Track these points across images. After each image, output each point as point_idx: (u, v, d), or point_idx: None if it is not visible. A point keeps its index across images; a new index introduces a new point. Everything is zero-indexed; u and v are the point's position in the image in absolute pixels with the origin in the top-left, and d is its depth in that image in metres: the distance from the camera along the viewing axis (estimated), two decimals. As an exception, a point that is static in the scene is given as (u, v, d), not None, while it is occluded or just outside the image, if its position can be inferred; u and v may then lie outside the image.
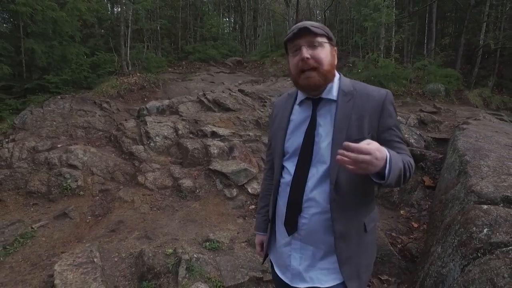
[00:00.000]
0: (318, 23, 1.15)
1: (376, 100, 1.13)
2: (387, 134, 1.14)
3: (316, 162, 1.14)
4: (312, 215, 1.13)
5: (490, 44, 10.37)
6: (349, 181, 1.10)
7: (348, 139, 1.04)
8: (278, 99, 1.41)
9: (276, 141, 1.28)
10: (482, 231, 1.72)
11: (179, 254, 2.71)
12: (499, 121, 5.86)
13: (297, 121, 1.22)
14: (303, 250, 1.17)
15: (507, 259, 1.46)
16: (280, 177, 1.26)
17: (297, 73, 1.12)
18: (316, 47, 1.10)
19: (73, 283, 2.37)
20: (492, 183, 2.12)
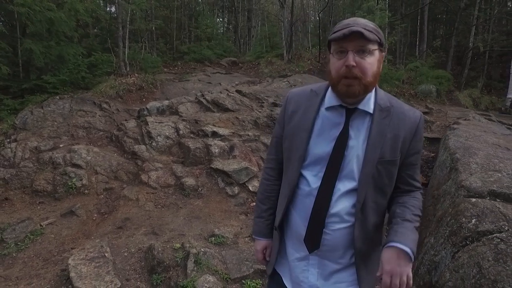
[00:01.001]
0: (371, 24, 1.04)
1: (411, 122, 1.09)
2: (414, 158, 1.11)
3: (343, 177, 1.07)
4: (335, 230, 1.08)
5: (480, 47, 10.66)
6: (374, 200, 1.07)
7: (381, 158, 1.04)
8: (296, 93, 1.25)
9: (295, 142, 1.15)
10: (470, 221, 1.89)
11: (187, 248, 2.84)
12: (487, 121, 6.10)
13: (325, 126, 1.11)
14: (321, 265, 1.13)
15: (491, 245, 1.63)
16: (296, 188, 1.15)
17: (338, 77, 1.02)
18: (364, 54, 0.99)
19: (87, 276, 2.49)
20: (480, 178, 2.30)
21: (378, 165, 1.04)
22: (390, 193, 1.11)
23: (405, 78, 10.00)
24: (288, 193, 1.17)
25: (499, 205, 1.92)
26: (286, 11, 14.84)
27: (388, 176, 1.07)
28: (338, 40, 1.00)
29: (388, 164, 1.05)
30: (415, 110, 1.14)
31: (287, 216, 1.20)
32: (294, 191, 1.16)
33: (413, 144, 1.08)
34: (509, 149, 3.22)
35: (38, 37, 8.55)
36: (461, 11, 11.91)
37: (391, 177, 1.08)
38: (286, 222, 1.21)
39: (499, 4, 12.23)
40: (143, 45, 10.94)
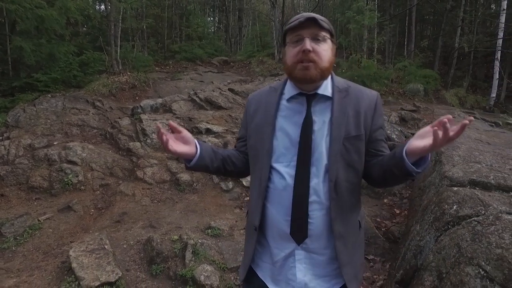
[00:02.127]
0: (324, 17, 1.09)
1: (369, 99, 1.14)
2: (378, 133, 1.14)
3: (315, 161, 1.08)
4: (317, 217, 1.08)
5: (465, 47, 10.98)
6: (347, 179, 1.08)
7: (347, 136, 1.07)
8: (255, 94, 1.29)
9: (261, 139, 1.15)
10: (452, 208, 2.04)
11: (185, 240, 2.94)
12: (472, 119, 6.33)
13: (288, 117, 1.13)
14: (307, 259, 1.11)
15: (470, 227, 1.78)
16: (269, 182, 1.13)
17: (294, 63, 1.05)
18: (319, 41, 1.04)
19: (89, 266, 2.57)
20: (461, 169, 2.46)
21: (344, 142, 1.07)
22: (361, 171, 1.12)
23: (394, 77, 10.23)
24: (261, 190, 1.13)
25: (477, 193, 2.07)
26: (277, 11, 14.99)
27: (357, 152, 1.09)
28: (294, 29, 1.04)
29: (354, 139, 1.08)
30: (371, 90, 1.19)
31: (265, 216, 1.15)
32: (267, 187, 1.13)
33: (375, 119, 1.12)
34: (490, 143, 3.41)
35: (27, 35, 8.49)
36: (447, 12, 12.23)
37: (360, 152, 1.10)
38: (265, 222, 1.16)
39: (483, 6, 12.59)
40: (135, 44, 10.92)
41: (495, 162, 2.55)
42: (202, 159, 1.16)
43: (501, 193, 2.07)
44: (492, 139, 3.79)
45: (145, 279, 2.66)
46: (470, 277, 1.53)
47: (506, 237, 1.56)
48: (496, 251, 1.51)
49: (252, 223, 1.19)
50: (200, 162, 1.15)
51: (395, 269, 2.54)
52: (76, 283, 2.40)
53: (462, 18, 12.23)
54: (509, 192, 2.06)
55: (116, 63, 8.65)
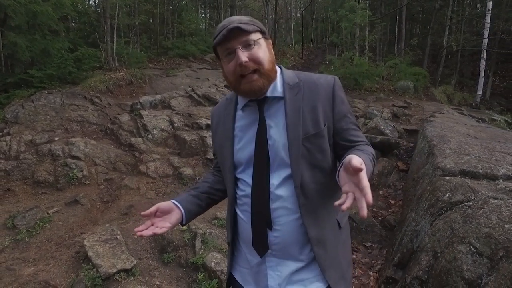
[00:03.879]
0: (245, 17, 1.01)
1: (325, 88, 1.05)
2: (343, 122, 1.06)
3: (277, 167, 1.03)
4: (284, 224, 1.02)
5: (453, 46, 11.32)
6: (314, 180, 1.02)
7: (305, 135, 1.00)
8: (216, 107, 1.25)
9: (223, 154, 1.13)
10: (445, 195, 2.24)
11: (193, 229, 3.09)
12: (459, 115, 6.62)
13: (244, 127, 1.09)
14: (280, 266, 1.06)
15: (461, 211, 1.98)
16: (237, 190, 1.12)
17: (236, 78, 0.99)
18: (251, 46, 0.97)
19: (104, 255, 2.70)
20: (453, 160, 2.67)
21: (304, 142, 1.00)
22: (329, 169, 1.05)
23: (385, 74, 10.51)
24: (230, 200, 1.13)
25: (468, 181, 2.28)
26: (270, 9, 15.12)
27: (319, 151, 1.02)
28: (221, 43, 0.98)
29: (314, 138, 1.01)
30: (326, 76, 1.10)
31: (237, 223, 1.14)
32: (235, 196, 1.12)
33: (336, 109, 1.04)
34: (477, 137, 3.64)
35: (19, 29, 8.43)
36: (436, 11, 12.57)
37: (322, 150, 1.03)
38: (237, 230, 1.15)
39: (469, 6, 12.97)
40: (131, 40, 10.92)
41: (482, 154, 2.77)
42: (190, 213, 1.14)
43: (488, 181, 2.28)
44: (479, 133, 4.03)
45: (157, 267, 2.80)
46: (462, 253, 1.73)
47: (493, 218, 1.76)
48: (484, 230, 1.71)
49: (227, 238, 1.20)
50: (190, 216, 1.14)
51: (392, 254, 2.74)
52: (94, 270, 2.53)
53: (450, 17, 12.59)
54: (495, 181, 2.27)
55: (112, 60, 8.67)
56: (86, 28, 12.87)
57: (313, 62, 14.27)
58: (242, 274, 1.17)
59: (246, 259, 1.14)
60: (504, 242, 1.56)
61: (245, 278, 1.16)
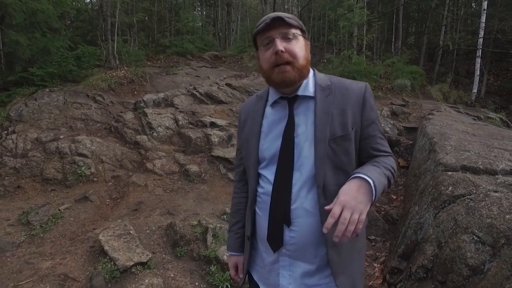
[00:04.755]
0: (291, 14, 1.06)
1: (356, 93, 1.08)
2: (371, 128, 1.08)
3: (299, 166, 1.04)
4: (302, 225, 1.03)
5: (449, 45, 11.49)
6: (337, 183, 1.01)
7: (332, 137, 1.02)
8: (245, 104, 1.29)
9: (248, 149, 1.15)
10: (448, 189, 2.37)
11: (204, 224, 3.19)
12: (456, 113, 6.78)
13: (272, 123, 1.11)
14: (293, 267, 1.07)
15: (464, 204, 2.11)
16: (257, 187, 1.14)
17: (270, 68, 1.03)
18: (290, 39, 1.01)
19: (120, 249, 2.79)
20: (454, 156, 2.80)
21: (330, 143, 1.01)
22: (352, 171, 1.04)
23: (382, 73, 10.64)
24: (251, 196, 1.16)
25: (469, 176, 2.41)
26: (269, 7, 15.18)
27: (345, 153, 1.03)
28: (262, 31, 1.02)
29: (341, 140, 1.03)
30: (358, 82, 1.12)
31: (256, 221, 1.17)
32: (256, 192, 1.15)
33: (365, 114, 1.06)
34: (475, 135, 3.78)
35: (19, 27, 8.42)
36: (432, 10, 12.73)
37: (348, 153, 1.04)
38: (256, 227, 1.17)
39: (465, 5, 13.15)
40: (132, 38, 10.95)
41: (481, 150, 2.90)
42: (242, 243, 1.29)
43: (488, 176, 2.41)
44: (477, 131, 4.17)
45: (170, 260, 2.91)
46: (465, 242, 1.85)
47: (494, 209, 1.88)
48: (486, 220, 1.84)
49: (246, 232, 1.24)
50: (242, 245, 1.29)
51: (396, 246, 2.87)
52: (111, 263, 2.63)
53: (446, 16, 12.76)
54: (494, 175, 2.40)
55: (113, 58, 8.71)
56: (84, 26, 12.87)
57: (311, 61, 14.32)
58: (257, 272, 1.21)
59: (261, 257, 1.17)
60: (505, 231, 1.68)
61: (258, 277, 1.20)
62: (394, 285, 2.51)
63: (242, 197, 1.30)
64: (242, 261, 1.28)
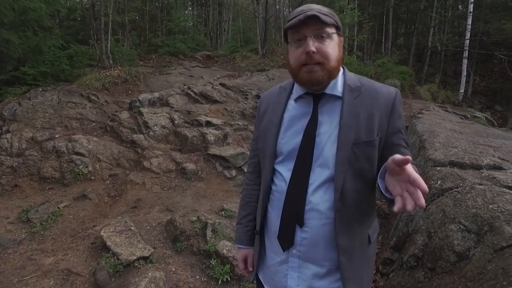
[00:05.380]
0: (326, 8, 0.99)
1: (386, 99, 1.02)
2: (396, 137, 1.02)
3: (318, 166, 1.01)
4: (315, 227, 1.01)
5: (437, 46, 11.78)
6: (355, 189, 0.99)
7: (356, 140, 0.97)
8: (267, 93, 1.24)
9: (266, 140, 1.11)
10: (437, 183, 2.51)
11: (203, 220, 3.27)
12: (445, 112, 6.99)
13: (293, 118, 1.08)
14: (302, 269, 1.05)
15: (451, 196, 2.25)
16: (272, 183, 1.11)
17: (298, 66, 0.98)
18: (324, 38, 0.95)
19: (122, 244, 2.86)
20: (442, 153, 2.95)
21: (354, 147, 0.97)
22: (373, 181, 1.02)
23: (373, 73, 10.86)
24: (264, 191, 1.13)
25: (456, 171, 2.56)
26: (261, 7, 15.29)
27: (368, 160, 0.99)
28: (294, 27, 0.96)
29: (365, 145, 0.98)
30: (389, 87, 1.07)
31: (266, 217, 1.15)
32: (269, 189, 1.12)
33: (392, 122, 1.02)
34: (462, 133, 3.96)
35: (9, 26, 8.35)
36: (421, 12, 13.03)
37: (371, 160, 1.00)
38: (265, 223, 1.15)
39: (452, 7, 13.48)
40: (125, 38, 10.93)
41: (468, 147, 3.06)
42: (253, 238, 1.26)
43: (474, 171, 2.56)
44: (464, 129, 4.35)
45: (171, 255, 2.98)
46: (453, 231, 1.99)
47: (479, 200, 2.02)
48: (472, 210, 1.98)
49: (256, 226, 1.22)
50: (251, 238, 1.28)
51: (388, 238, 3.01)
52: (114, 258, 2.69)
53: (434, 18, 13.07)
54: (479, 170, 2.55)
55: (106, 58, 8.70)
56: (76, 25, 12.77)
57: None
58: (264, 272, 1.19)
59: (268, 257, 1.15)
60: (489, 219, 1.82)
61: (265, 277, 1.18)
62: (387, 275, 2.64)
63: (254, 189, 1.27)
64: (252, 254, 1.26)
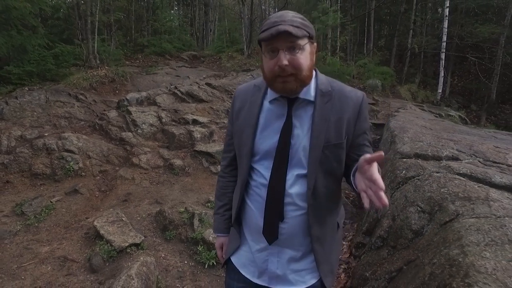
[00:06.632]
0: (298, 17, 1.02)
1: (354, 103, 1.11)
2: (361, 138, 1.12)
3: (293, 166, 1.10)
4: (292, 218, 1.12)
5: (415, 48, 12.26)
6: (325, 185, 1.09)
7: (326, 143, 1.06)
8: (241, 90, 1.28)
9: (243, 139, 1.18)
10: (402, 172, 2.80)
11: (190, 211, 3.49)
12: (421, 111, 7.39)
13: (269, 119, 1.14)
14: (281, 254, 1.16)
15: (413, 183, 2.54)
16: (249, 179, 1.19)
17: (272, 77, 1.03)
18: (295, 50, 0.99)
19: (115, 233, 3.05)
20: (409, 146, 3.26)
21: (324, 150, 1.06)
22: (340, 177, 1.15)
23: (355, 73, 11.25)
24: (241, 186, 1.20)
25: (419, 161, 2.85)
26: (246, 8, 15.52)
27: (336, 160, 1.09)
28: (267, 40, 0.99)
29: (334, 147, 1.07)
30: (356, 91, 1.15)
31: (243, 210, 1.23)
32: (247, 183, 1.19)
33: (358, 124, 1.10)
34: (431, 129, 4.29)
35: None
36: (401, 14, 13.52)
37: (339, 160, 1.10)
38: (243, 215, 1.24)
39: (431, 10, 14.02)
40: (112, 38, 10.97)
41: (432, 141, 3.37)
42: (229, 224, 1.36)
43: (434, 161, 2.86)
44: (434, 126, 4.69)
45: (161, 243, 3.19)
46: (411, 213, 2.27)
47: (434, 186, 2.32)
48: (427, 194, 2.27)
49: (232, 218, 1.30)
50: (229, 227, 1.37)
51: (362, 225, 3.29)
52: (108, 245, 2.88)
53: (414, 21, 13.58)
54: (439, 161, 2.86)
55: (93, 57, 8.76)
56: (60, 24, 12.69)
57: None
58: (240, 257, 1.27)
59: (247, 245, 1.24)
60: (439, 200, 2.11)
61: (242, 262, 1.26)
62: (359, 256, 2.92)
63: (230, 181, 1.35)
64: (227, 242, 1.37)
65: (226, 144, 1.35)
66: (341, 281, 2.82)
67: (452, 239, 1.65)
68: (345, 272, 2.95)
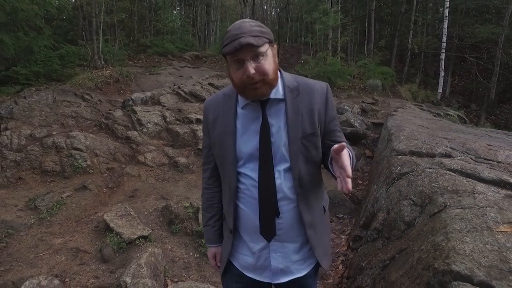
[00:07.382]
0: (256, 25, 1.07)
1: (320, 93, 1.20)
2: (332, 124, 1.22)
3: (278, 162, 1.16)
4: (287, 211, 1.18)
5: (415, 48, 12.37)
6: (309, 172, 1.18)
7: (303, 134, 1.14)
8: (211, 101, 1.30)
9: (224, 148, 1.21)
10: (397, 169, 2.95)
11: (195, 205, 3.64)
12: (420, 110, 7.53)
13: (245, 124, 1.19)
14: (282, 248, 1.22)
15: (407, 179, 2.68)
16: (238, 183, 1.22)
17: (242, 86, 1.08)
18: (259, 58, 1.05)
19: (124, 226, 3.21)
20: (405, 144, 3.40)
21: (302, 140, 1.14)
22: (319, 162, 1.23)
23: (356, 73, 11.38)
24: (231, 193, 1.22)
25: (413, 158, 3.00)
26: (248, 8, 15.67)
27: (315, 147, 1.18)
28: (231, 53, 1.03)
29: (311, 136, 1.16)
30: (320, 82, 1.24)
31: (238, 214, 1.25)
32: (236, 189, 1.22)
33: (328, 112, 1.20)
34: (428, 128, 4.43)
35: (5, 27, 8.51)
36: (402, 15, 13.63)
37: (317, 147, 1.19)
38: (238, 219, 1.25)
39: (432, 10, 14.13)
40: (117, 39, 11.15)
41: (427, 139, 3.51)
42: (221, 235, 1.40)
43: (428, 158, 3.00)
44: (431, 125, 4.83)
45: (167, 236, 3.35)
46: (405, 206, 2.42)
47: (426, 180, 2.46)
48: (419, 188, 2.41)
49: (227, 226, 1.31)
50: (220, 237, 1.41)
51: (359, 219, 3.44)
52: (118, 237, 3.04)
53: (414, 21, 13.69)
54: (433, 157, 3.00)
55: (98, 58, 8.94)
56: (65, 25, 12.88)
57: (289, 61, 14.98)
58: (242, 261, 1.30)
59: (247, 247, 1.26)
60: (430, 193, 2.25)
61: (245, 265, 1.29)
62: (356, 249, 3.07)
63: (215, 191, 1.37)
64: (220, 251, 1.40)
65: (205, 156, 1.37)
66: (339, 271, 2.98)
67: (438, 228, 1.80)
68: (343, 264, 3.11)
